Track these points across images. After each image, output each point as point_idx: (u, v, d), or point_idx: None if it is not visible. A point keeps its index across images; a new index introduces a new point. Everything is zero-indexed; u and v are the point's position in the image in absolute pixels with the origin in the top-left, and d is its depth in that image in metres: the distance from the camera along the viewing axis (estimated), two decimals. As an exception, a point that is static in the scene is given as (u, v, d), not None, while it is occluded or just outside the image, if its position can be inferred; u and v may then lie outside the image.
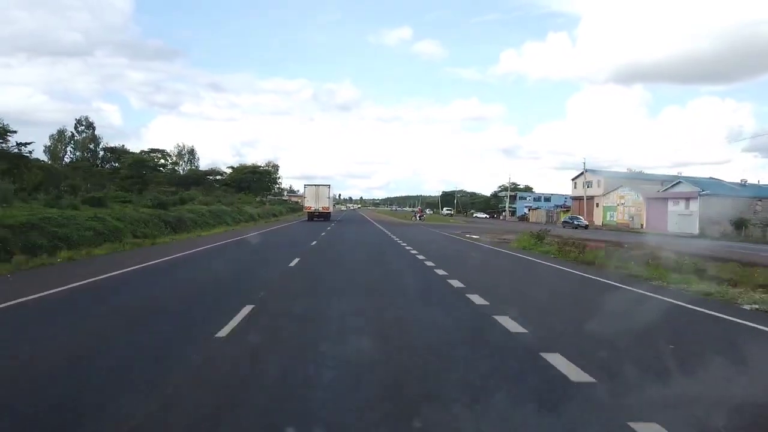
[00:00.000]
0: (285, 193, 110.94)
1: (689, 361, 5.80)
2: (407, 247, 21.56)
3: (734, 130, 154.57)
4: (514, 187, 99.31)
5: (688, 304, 9.54)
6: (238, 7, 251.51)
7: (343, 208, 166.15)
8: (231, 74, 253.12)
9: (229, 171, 71.50)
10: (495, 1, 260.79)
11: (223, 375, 5.05)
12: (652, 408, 4.25)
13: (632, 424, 3.87)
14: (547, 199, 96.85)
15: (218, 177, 69.37)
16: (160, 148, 70.57)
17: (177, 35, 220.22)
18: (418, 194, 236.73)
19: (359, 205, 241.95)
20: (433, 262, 15.52)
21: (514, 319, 7.44)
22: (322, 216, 54.43)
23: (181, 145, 79.06)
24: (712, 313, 8.81)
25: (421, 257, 17.17)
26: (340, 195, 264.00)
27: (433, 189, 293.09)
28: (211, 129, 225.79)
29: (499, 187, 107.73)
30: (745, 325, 7.99)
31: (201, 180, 65.02)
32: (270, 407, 4.19)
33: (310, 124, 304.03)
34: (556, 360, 5.46)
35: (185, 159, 75.83)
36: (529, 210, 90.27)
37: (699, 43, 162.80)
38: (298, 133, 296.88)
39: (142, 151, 75.05)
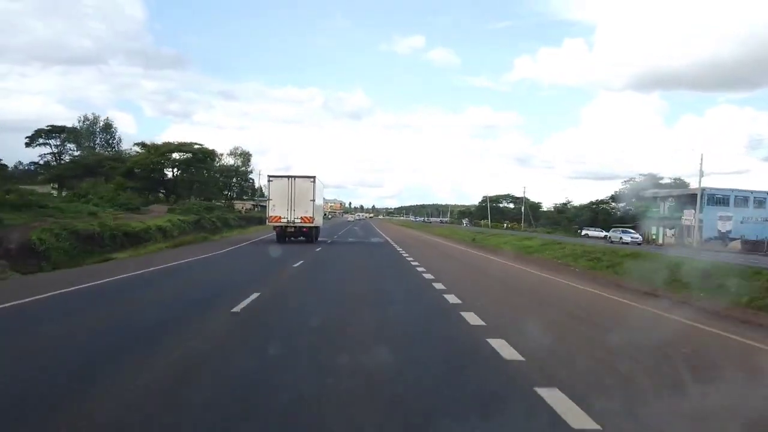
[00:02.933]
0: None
1: None
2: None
3: (754, 138, 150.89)
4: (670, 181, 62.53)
5: None
6: (249, 15, 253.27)
7: (351, 218, 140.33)
8: (242, 83, 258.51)
9: (140, 152, 45.05)
10: (508, 8, 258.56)
11: None
12: None
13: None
14: (761, 201, 56.61)
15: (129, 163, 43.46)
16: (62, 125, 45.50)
17: (188, 43, 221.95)
18: (433, 203, 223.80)
19: (371, 214, 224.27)
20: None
21: None
22: (303, 234, 29.49)
23: (90, 117, 53.72)
24: None
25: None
26: (350, 203, 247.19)
27: (445, 198, 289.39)
28: (223, 137, 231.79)
29: (637, 174, 73.35)
30: None
31: (96, 168, 39.61)
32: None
33: (321, 133, 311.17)
34: None
35: (94, 137, 50.75)
36: None
37: (719, 50, 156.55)
38: (309, 141, 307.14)
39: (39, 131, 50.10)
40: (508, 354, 6.15)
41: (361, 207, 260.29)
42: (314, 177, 29.28)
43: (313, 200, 29.05)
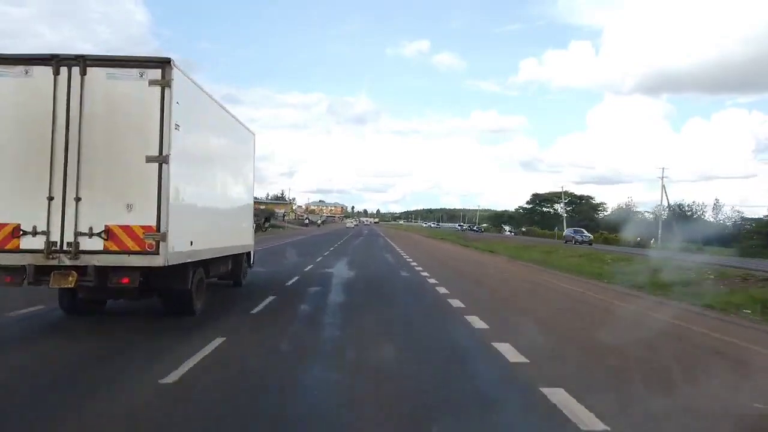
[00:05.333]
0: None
1: None
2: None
3: (762, 143, 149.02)
4: None
5: None
6: (255, 21, 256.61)
7: (350, 223, 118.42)
8: (248, 88, 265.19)
9: None
10: (514, 12, 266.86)
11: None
12: None
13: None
14: None
15: None
16: None
17: (195, 48, 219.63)
18: (440, 207, 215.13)
19: (376, 219, 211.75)
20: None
21: None
22: (132, 292, 7.67)
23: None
24: None
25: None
26: (353, 207, 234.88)
27: (452, 203, 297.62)
28: None
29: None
30: None
31: None
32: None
33: (327, 138, 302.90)
34: None
35: None
36: None
37: (726, 53, 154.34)
38: (315, 146, 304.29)
39: None
40: None
41: (365, 212, 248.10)
42: (168, 62, 7.19)
43: (163, 156, 7.07)
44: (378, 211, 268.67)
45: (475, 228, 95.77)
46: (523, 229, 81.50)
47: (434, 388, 5.30)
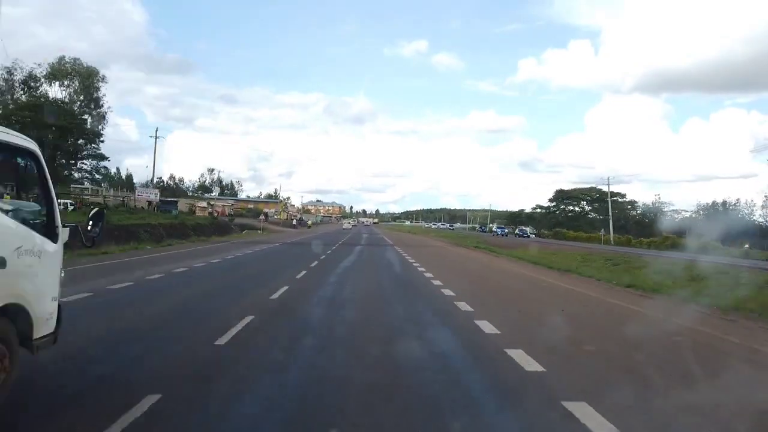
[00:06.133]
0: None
1: None
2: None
3: (760, 142, 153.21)
4: None
5: None
6: (253, 20, 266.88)
7: (347, 224, 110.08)
8: (246, 88, 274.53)
9: None
10: (512, 12, 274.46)
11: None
12: None
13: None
14: None
15: None
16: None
17: (193, 48, 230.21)
18: (440, 207, 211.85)
19: (376, 220, 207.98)
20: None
21: None
22: None
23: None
24: None
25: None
26: (352, 207, 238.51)
27: (451, 203, 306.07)
28: (226, 143, 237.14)
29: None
30: None
31: None
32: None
33: (325, 138, 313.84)
34: None
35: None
36: None
37: (725, 52, 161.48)
38: (314, 147, 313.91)
39: None
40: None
41: (364, 212, 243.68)
42: None
43: None
44: (377, 211, 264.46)
45: (518, 231, 78.39)
46: (543, 231, 72.25)
47: None
